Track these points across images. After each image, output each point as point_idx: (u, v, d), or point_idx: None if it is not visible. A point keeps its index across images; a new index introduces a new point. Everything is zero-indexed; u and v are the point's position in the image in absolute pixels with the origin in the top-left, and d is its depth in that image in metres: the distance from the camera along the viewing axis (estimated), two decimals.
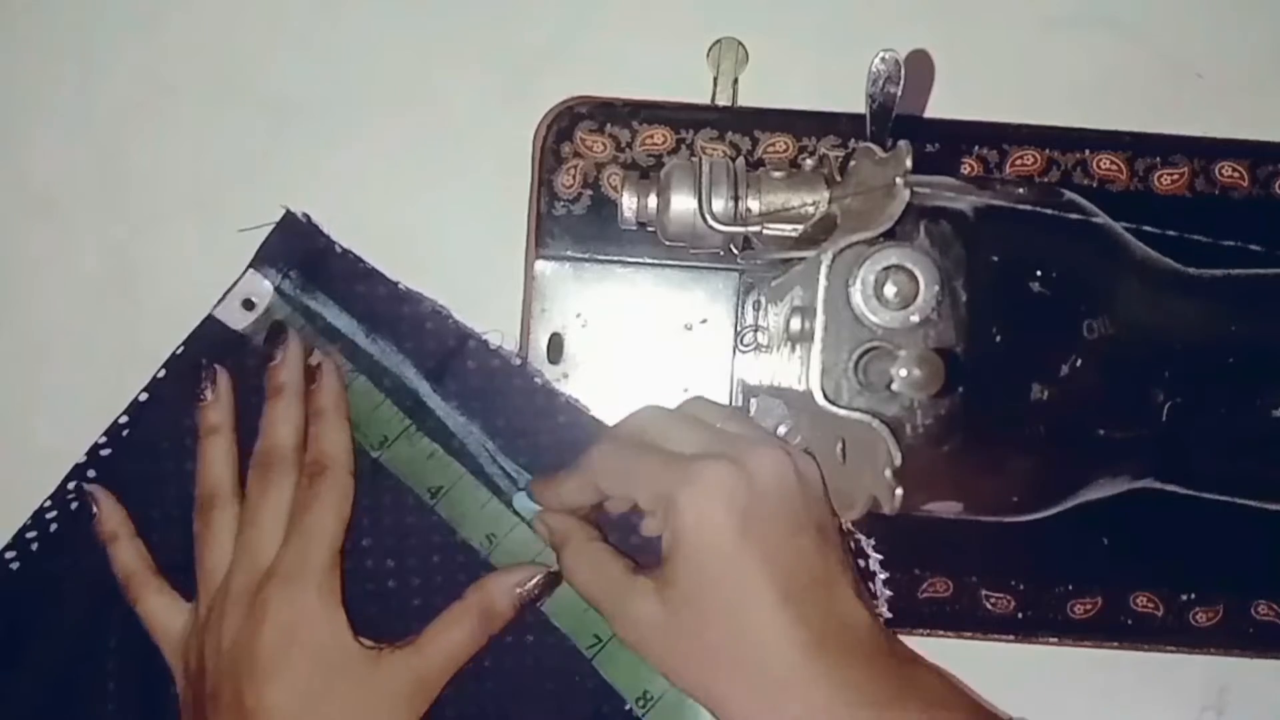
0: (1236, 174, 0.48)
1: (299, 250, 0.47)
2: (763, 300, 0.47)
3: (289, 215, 0.47)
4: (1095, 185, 0.48)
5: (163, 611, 0.46)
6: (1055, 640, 0.49)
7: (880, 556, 0.46)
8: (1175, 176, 0.48)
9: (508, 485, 0.47)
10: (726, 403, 0.48)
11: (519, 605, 0.44)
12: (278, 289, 0.47)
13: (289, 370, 0.46)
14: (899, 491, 0.34)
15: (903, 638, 0.46)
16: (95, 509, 0.47)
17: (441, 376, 0.47)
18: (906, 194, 0.35)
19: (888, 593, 0.47)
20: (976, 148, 0.48)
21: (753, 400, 0.48)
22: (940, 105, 0.50)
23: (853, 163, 0.40)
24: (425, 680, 0.43)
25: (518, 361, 0.47)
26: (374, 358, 0.47)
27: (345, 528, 0.44)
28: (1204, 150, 0.48)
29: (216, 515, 0.45)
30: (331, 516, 0.44)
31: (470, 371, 0.47)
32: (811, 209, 0.41)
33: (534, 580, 0.44)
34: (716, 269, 0.48)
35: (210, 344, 0.47)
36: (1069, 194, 0.40)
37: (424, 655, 0.43)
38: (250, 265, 0.47)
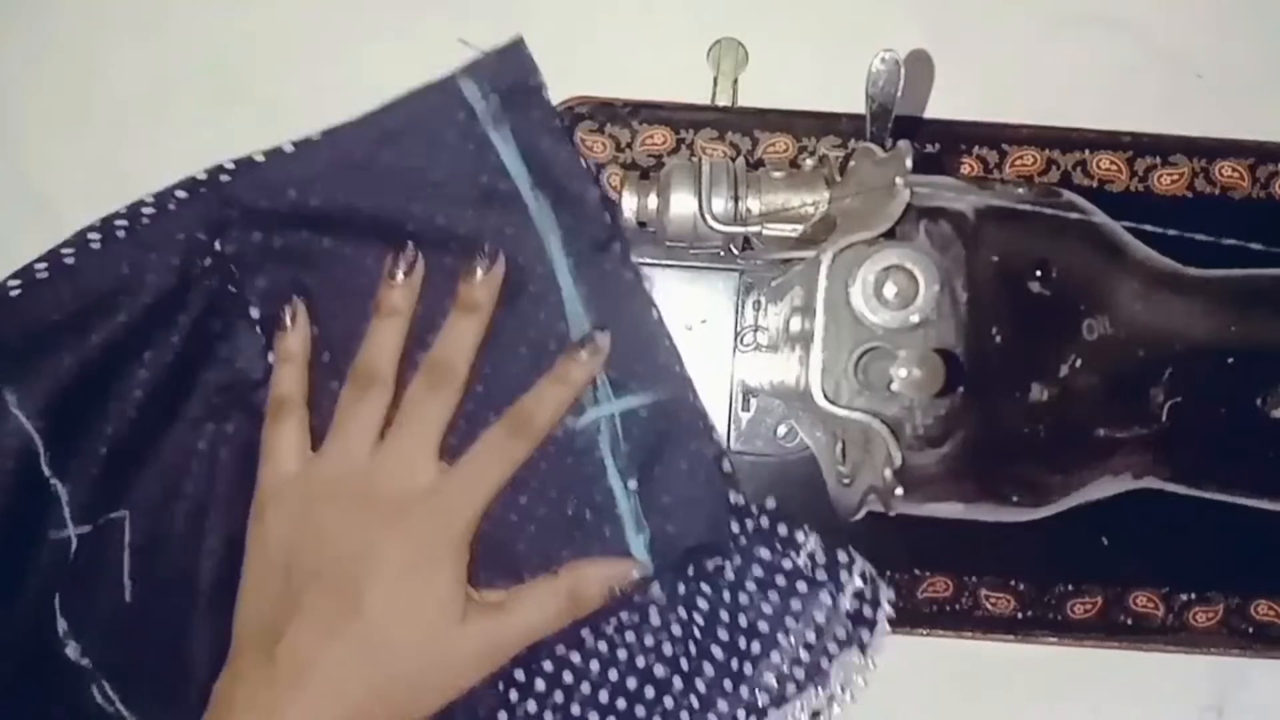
0: (1236, 174, 0.48)
1: (508, 79, 0.46)
2: (763, 300, 0.47)
3: (518, 42, 0.46)
4: (1095, 185, 0.48)
5: (288, 448, 0.44)
6: (1055, 640, 0.48)
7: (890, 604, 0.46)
8: (1175, 176, 0.48)
9: (588, 394, 0.46)
10: (726, 402, 0.48)
11: (608, 600, 0.44)
12: (472, 107, 0.46)
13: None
14: (899, 491, 0.34)
15: (903, 638, 0.47)
16: (289, 322, 0.45)
17: (580, 261, 0.46)
18: (906, 194, 0.35)
19: (890, 594, 0.46)
20: (976, 148, 0.48)
21: (752, 400, 0.48)
22: (940, 105, 0.50)
23: (853, 163, 0.40)
24: (500, 648, 0.43)
25: (647, 285, 0.46)
26: (526, 211, 0.45)
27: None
28: (1204, 150, 0.48)
29: (374, 395, 0.44)
30: (503, 471, 0.44)
31: (605, 272, 0.46)
32: (811, 209, 0.41)
33: (629, 579, 0.44)
34: (716, 269, 0.48)
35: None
36: (1069, 194, 0.40)
37: (505, 626, 0.43)
38: (458, 72, 0.46)
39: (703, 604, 0.45)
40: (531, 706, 0.45)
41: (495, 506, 0.44)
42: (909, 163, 0.36)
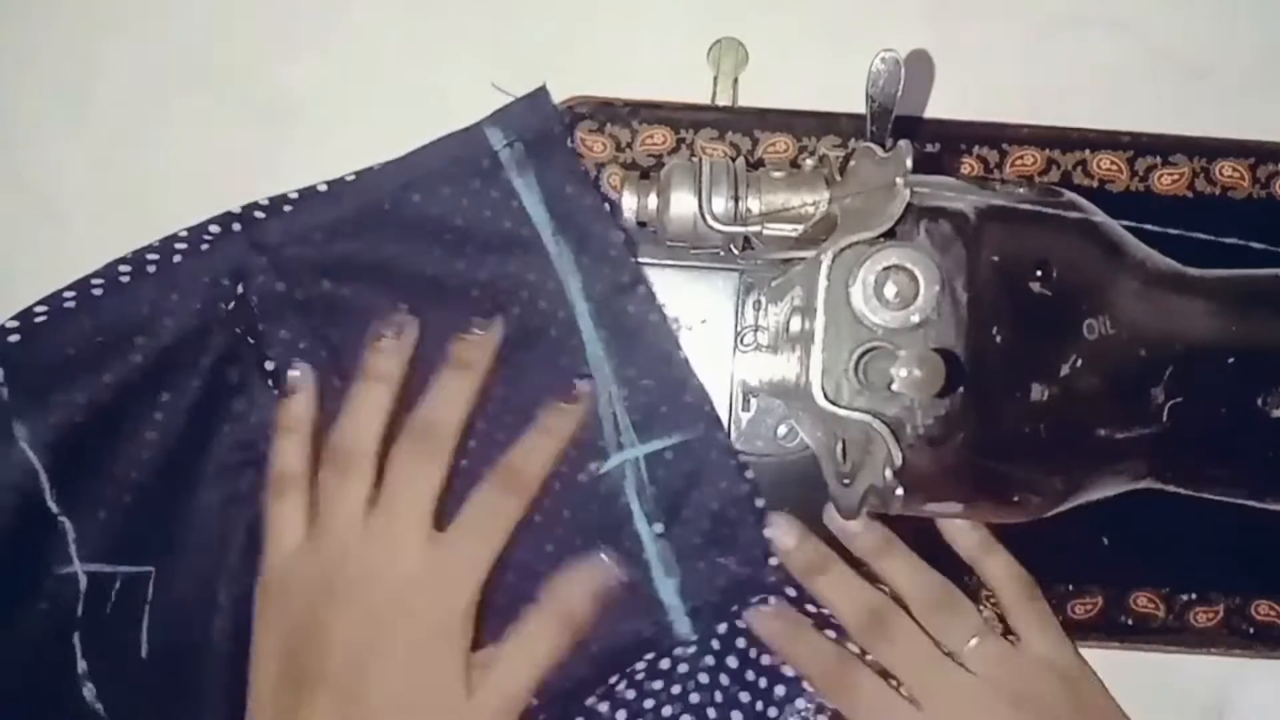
0: (1236, 174, 0.48)
1: (533, 127, 0.46)
2: (763, 300, 0.47)
3: (543, 91, 0.46)
4: (1095, 185, 0.48)
5: (290, 527, 0.43)
6: None
7: None
8: (1175, 176, 0.48)
9: (610, 434, 0.46)
10: (726, 403, 0.48)
11: (598, 605, 0.44)
12: (496, 154, 0.46)
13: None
14: (899, 491, 0.34)
15: None
16: (292, 390, 0.44)
17: (601, 305, 0.46)
18: (906, 194, 0.35)
19: None
20: (976, 148, 0.48)
21: (753, 400, 0.48)
22: (940, 105, 0.50)
23: (853, 163, 0.40)
24: (514, 699, 0.42)
25: (674, 326, 0.47)
26: (548, 256, 0.46)
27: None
28: (1204, 150, 0.48)
29: (354, 475, 0.42)
30: (501, 532, 0.43)
31: (628, 314, 0.46)
32: (811, 209, 0.41)
33: (611, 578, 0.44)
34: (716, 269, 0.48)
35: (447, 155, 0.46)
36: (1069, 194, 0.40)
37: (512, 677, 0.42)
38: (484, 121, 0.46)
39: (741, 643, 0.45)
40: None
41: (519, 555, 0.44)
42: (909, 162, 0.36)
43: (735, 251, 0.44)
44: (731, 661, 0.45)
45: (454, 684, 0.41)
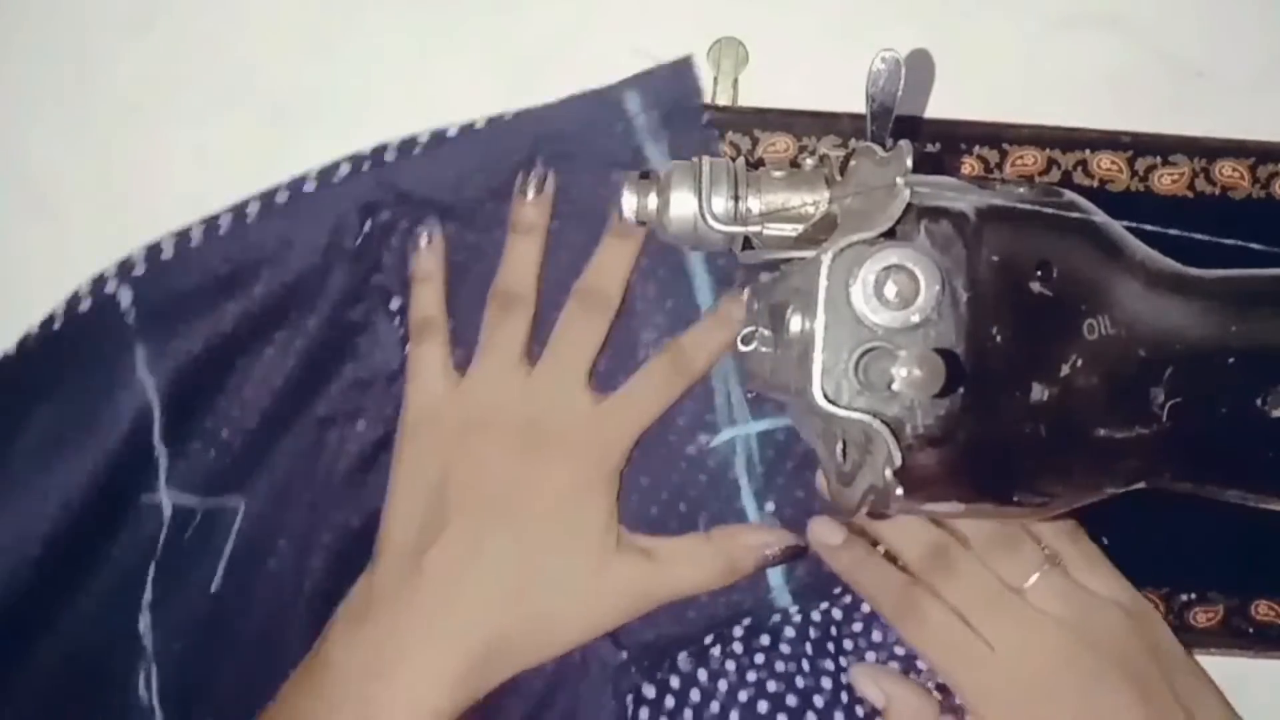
0: (1236, 174, 0.48)
1: (672, 96, 0.46)
2: (762, 300, 0.47)
3: (687, 61, 0.46)
4: (1095, 185, 0.48)
5: (434, 368, 0.44)
6: None
7: None
8: (1175, 176, 0.48)
9: (722, 408, 0.46)
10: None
11: (759, 567, 0.44)
12: (631, 120, 0.46)
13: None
14: (899, 491, 0.34)
15: None
16: (425, 242, 0.45)
17: (720, 280, 0.46)
18: (907, 194, 0.35)
19: None
20: (976, 148, 0.48)
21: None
22: (940, 105, 0.50)
23: (853, 163, 0.40)
24: (648, 595, 0.43)
25: None
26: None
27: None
28: (1204, 150, 0.48)
29: (518, 314, 0.44)
30: (660, 405, 0.44)
31: None
32: (811, 209, 0.41)
33: (781, 548, 0.44)
34: None
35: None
36: (1069, 194, 0.40)
37: (658, 573, 0.43)
38: (623, 83, 0.46)
39: (834, 631, 0.45)
40: None
41: (624, 515, 0.44)
42: (909, 162, 0.36)
43: (736, 252, 0.44)
44: (825, 640, 0.45)
45: (603, 535, 0.42)
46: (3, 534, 0.44)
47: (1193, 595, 0.48)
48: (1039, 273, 0.37)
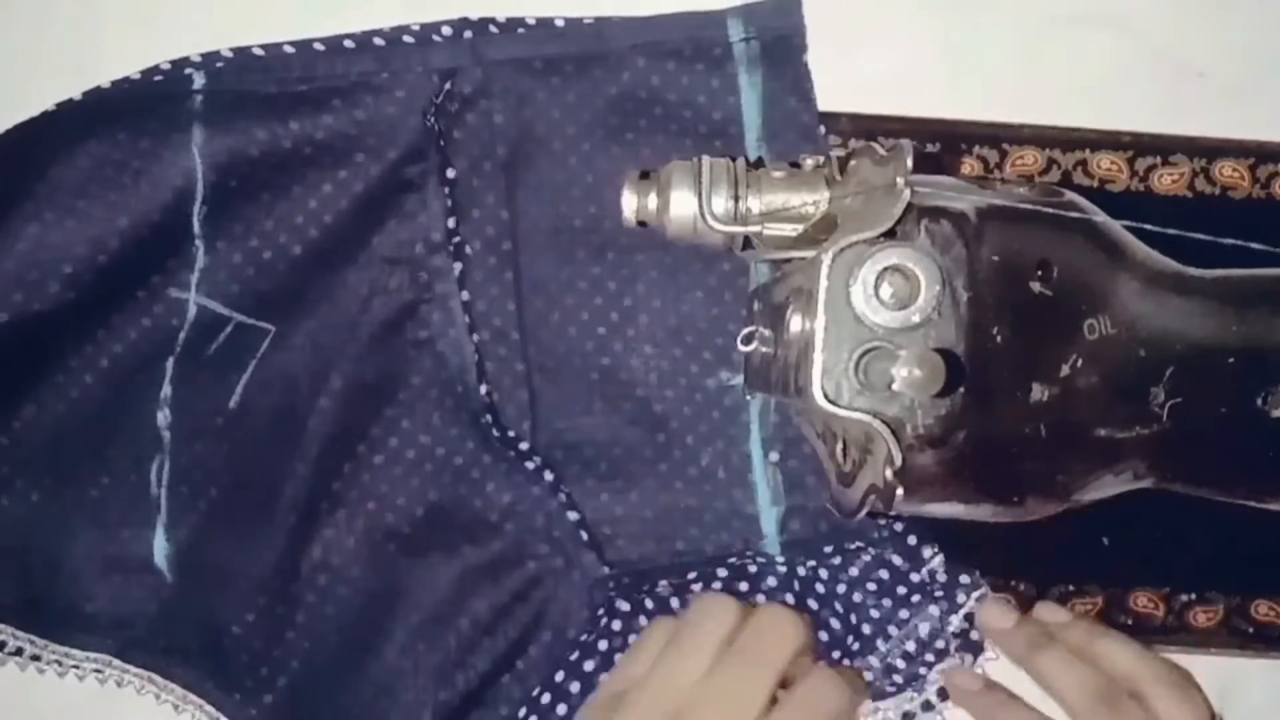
0: (1236, 174, 0.48)
1: (775, 29, 0.47)
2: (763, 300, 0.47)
3: None
4: (1095, 185, 0.48)
5: None
6: None
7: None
8: (1175, 176, 0.48)
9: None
10: None
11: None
12: (731, 46, 0.47)
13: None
14: (899, 491, 0.34)
15: None
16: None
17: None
18: (907, 193, 0.35)
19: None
20: (977, 147, 0.48)
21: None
22: (940, 105, 0.50)
23: (853, 162, 0.40)
24: None
25: None
26: (745, 156, 0.46)
27: None
28: (1204, 150, 0.48)
29: None
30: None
31: None
32: (811, 209, 0.41)
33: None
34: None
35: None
36: (1069, 194, 0.40)
37: None
38: (730, 10, 0.47)
39: (819, 589, 0.45)
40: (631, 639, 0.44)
41: (630, 434, 0.45)
42: (909, 162, 0.36)
43: (735, 251, 0.44)
44: (807, 596, 0.45)
45: None
46: (38, 249, 0.43)
47: (1193, 595, 0.48)
48: (1039, 272, 0.37)
